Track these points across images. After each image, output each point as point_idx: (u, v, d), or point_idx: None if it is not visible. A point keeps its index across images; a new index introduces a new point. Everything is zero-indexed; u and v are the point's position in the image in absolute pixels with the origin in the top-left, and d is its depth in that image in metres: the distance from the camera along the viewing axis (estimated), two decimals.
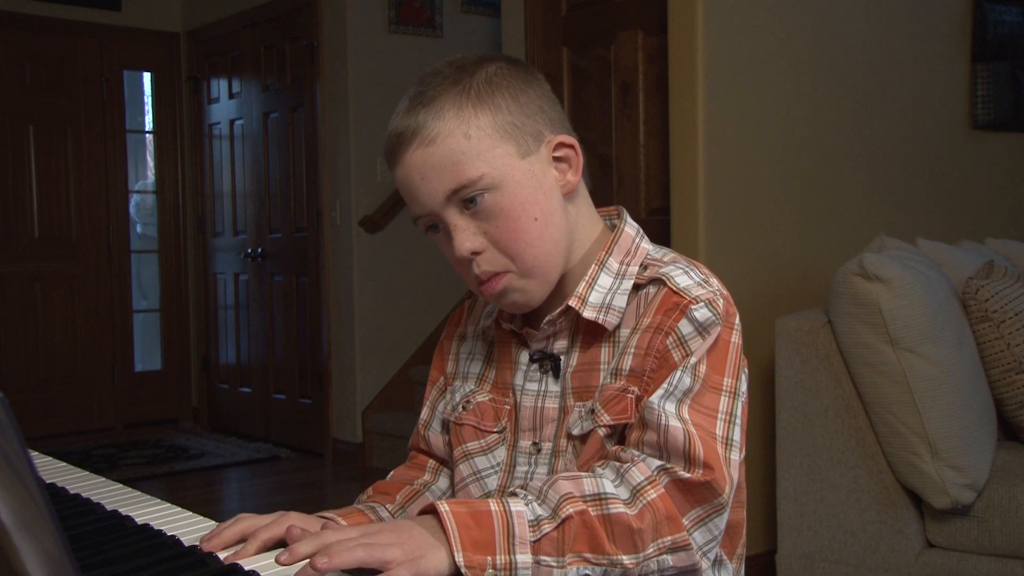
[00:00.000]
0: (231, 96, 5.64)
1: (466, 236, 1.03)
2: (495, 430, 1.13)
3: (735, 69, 2.90)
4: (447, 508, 0.89)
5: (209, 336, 5.91)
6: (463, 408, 1.16)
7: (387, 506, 1.15)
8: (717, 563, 1.09)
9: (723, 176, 2.88)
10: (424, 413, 1.23)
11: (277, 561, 0.87)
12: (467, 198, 1.02)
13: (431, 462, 1.22)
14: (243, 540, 0.97)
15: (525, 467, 1.10)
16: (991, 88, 3.54)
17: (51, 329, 5.58)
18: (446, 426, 1.18)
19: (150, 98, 6.12)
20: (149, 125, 6.14)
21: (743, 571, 1.14)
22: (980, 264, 2.57)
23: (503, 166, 1.02)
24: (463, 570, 0.86)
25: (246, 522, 0.98)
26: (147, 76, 6.07)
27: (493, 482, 1.12)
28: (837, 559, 2.45)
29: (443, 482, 1.21)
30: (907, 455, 2.28)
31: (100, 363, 5.74)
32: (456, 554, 0.86)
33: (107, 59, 5.74)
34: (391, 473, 1.23)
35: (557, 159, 1.08)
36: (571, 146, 1.08)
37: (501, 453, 1.12)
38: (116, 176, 5.80)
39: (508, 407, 1.13)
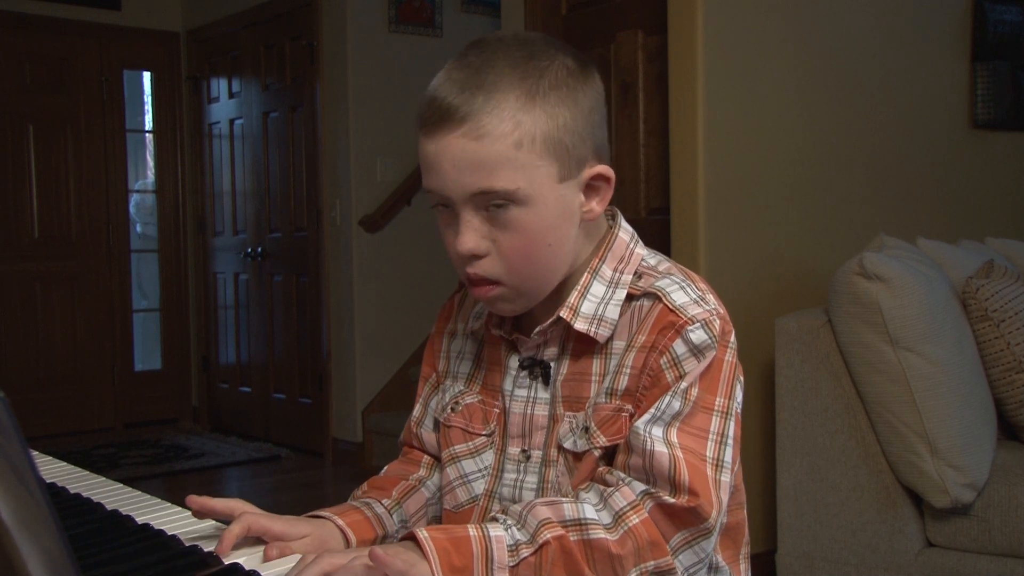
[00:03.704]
0: (231, 96, 5.64)
1: (473, 237, 0.99)
2: (483, 433, 1.11)
3: (735, 69, 2.90)
4: (426, 535, 0.90)
5: (209, 336, 5.91)
6: (451, 410, 1.14)
7: (383, 501, 1.14)
8: (713, 568, 1.08)
9: (723, 176, 2.88)
10: (417, 410, 1.21)
11: None
12: (492, 204, 0.98)
13: (425, 457, 1.21)
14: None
15: (514, 474, 1.09)
16: (991, 88, 3.54)
17: (51, 329, 5.58)
18: (438, 424, 1.17)
19: (150, 98, 6.12)
20: (149, 125, 6.14)
21: (750, 573, 1.13)
22: (980, 263, 2.57)
23: (539, 186, 0.99)
24: None
25: (239, 510, 1.01)
26: (147, 76, 6.07)
27: (480, 486, 1.11)
28: (837, 558, 2.45)
29: (438, 477, 1.19)
30: (907, 454, 2.28)
31: (100, 363, 5.74)
32: None
33: (107, 59, 5.74)
34: (385, 468, 1.22)
35: (589, 187, 1.04)
36: (607, 179, 1.04)
37: (489, 457, 1.11)
38: (116, 176, 5.80)
39: (497, 410, 1.11)
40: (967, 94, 3.58)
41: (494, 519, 0.95)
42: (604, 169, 1.04)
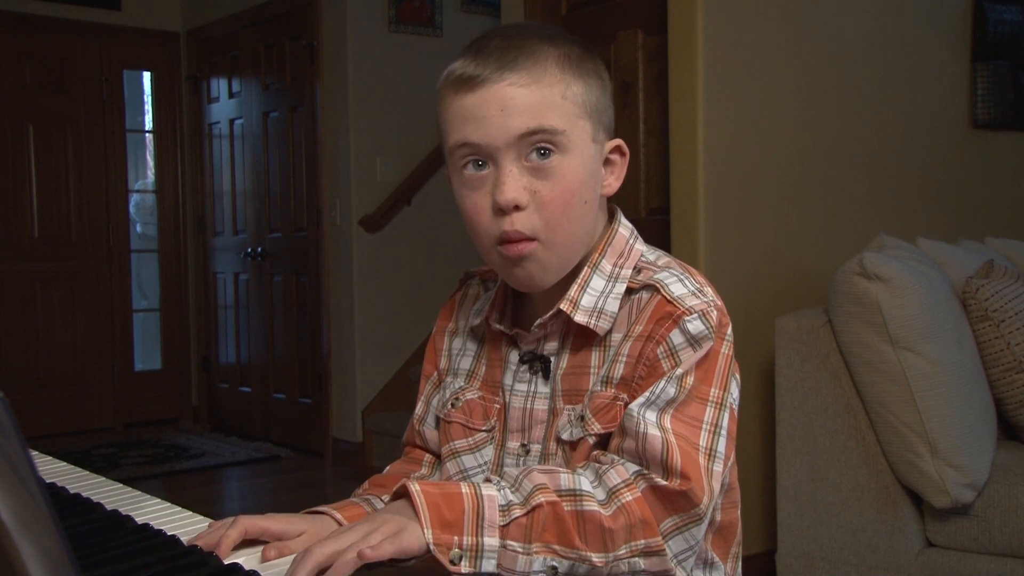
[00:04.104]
0: (231, 96, 5.64)
1: (515, 187, 1.00)
2: (483, 428, 1.12)
3: (735, 69, 2.90)
4: (418, 488, 0.90)
5: (209, 336, 5.91)
6: (452, 405, 1.15)
7: (383, 497, 1.14)
8: (708, 564, 1.08)
9: (723, 176, 2.88)
10: (419, 408, 1.22)
11: None
12: (539, 147, 1.00)
13: (427, 456, 1.22)
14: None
15: (513, 468, 1.09)
16: (991, 87, 3.54)
17: (51, 329, 5.58)
18: (440, 422, 1.18)
19: (150, 98, 6.12)
20: (149, 125, 6.14)
21: (739, 571, 1.14)
22: (980, 263, 2.57)
23: (579, 139, 1.03)
24: (431, 547, 0.87)
25: (232, 520, 0.98)
26: (147, 76, 6.07)
27: (479, 481, 1.12)
28: (837, 558, 2.46)
29: (439, 476, 1.20)
30: (907, 454, 2.28)
31: (100, 363, 5.74)
32: (425, 531, 0.87)
33: (107, 59, 5.74)
34: (388, 468, 1.23)
35: (607, 161, 1.08)
36: (623, 153, 1.10)
37: (488, 452, 1.12)
38: (116, 176, 5.80)
39: (498, 406, 1.12)
40: (967, 94, 3.58)
41: (487, 480, 0.96)
42: (620, 142, 1.09)
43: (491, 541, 0.90)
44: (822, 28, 3.11)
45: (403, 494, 0.92)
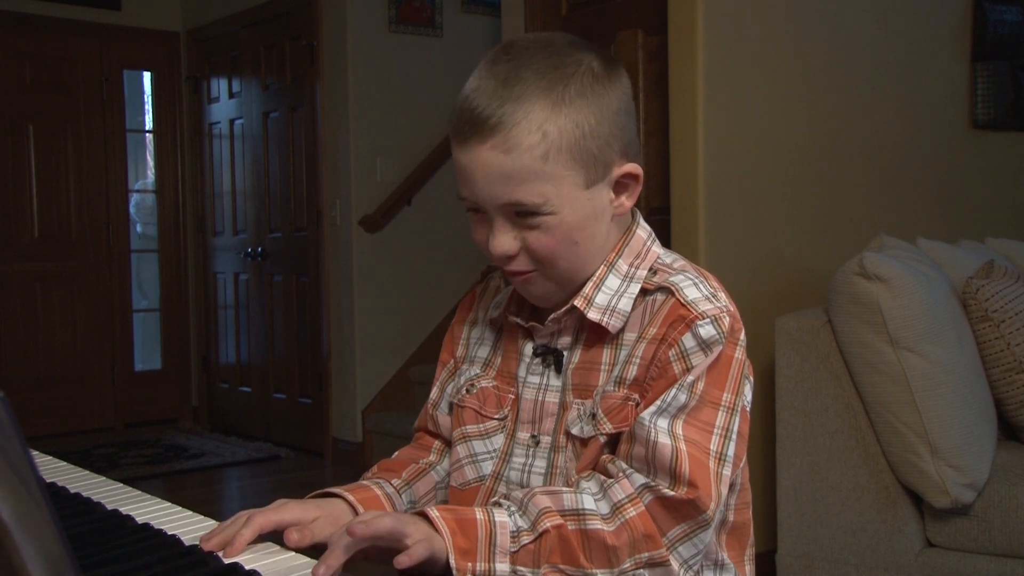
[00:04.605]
0: (231, 96, 5.64)
1: (505, 240, 1.04)
2: (496, 417, 1.15)
3: (735, 69, 2.90)
4: (438, 514, 0.94)
5: (209, 335, 5.91)
6: (467, 391, 1.17)
7: (392, 482, 1.17)
8: (718, 565, 1.10)
9: (723, 176, 2.88)
10: (434, 393, 1.24)
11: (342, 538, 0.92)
12: (520, 214, 1.03)
13: (437, 443, 1.24)
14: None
15: (522, 458, 1.12)
16: (991, 88, 3.54)
17: (51, 329, 5.58)
18: (453, 408, 1.20)
19: (150, 98, 6.12)
20: (149, 125, 6.14)
21: (754, 573, 1.16)
22: (980, 264, 2.57)
23: (566, 195, 1.02)
24: (455, 573, 0.92)
25: (244, 517, 1.01)
26: (147, 76, 6.07)
27: (488, 466, 1.14)
28: (837, 559, 2.45)
29: (447, 463, 1.22)
30: (907, 455, 2.28)
31: (100, 363, 5.74)
32: (450, 557, 0.92)
33: (107, 59, 5.74)
34: (396, 453, 1.25)
35: (619, 183, 1.08)
36: (635, 176, 1.08)
37: (499, 440, 1.14)
38: (116, 176, 5.80)
39: (511, 396, 1.14)
40: (967, 94, 3.58)
41: (498, 504, 0.99)
42: (632, 168, 1.07)
43: (502, 567, 0.94)
44: (822, 28, 3.11)
45: (421, 515, 0.96)
